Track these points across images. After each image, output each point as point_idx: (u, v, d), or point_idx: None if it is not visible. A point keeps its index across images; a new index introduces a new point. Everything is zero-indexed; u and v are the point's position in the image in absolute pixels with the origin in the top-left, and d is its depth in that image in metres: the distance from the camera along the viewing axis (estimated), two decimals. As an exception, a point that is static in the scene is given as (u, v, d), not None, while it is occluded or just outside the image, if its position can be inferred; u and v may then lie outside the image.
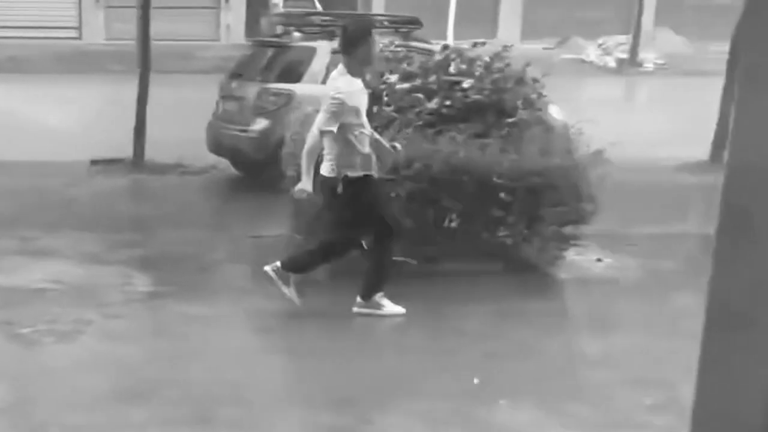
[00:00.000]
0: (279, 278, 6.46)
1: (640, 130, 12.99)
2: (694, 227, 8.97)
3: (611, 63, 24.67)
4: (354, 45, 6.26)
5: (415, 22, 11.58)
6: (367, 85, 6.66)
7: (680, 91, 19.54)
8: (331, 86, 6.31)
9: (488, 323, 6.42)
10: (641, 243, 8.26)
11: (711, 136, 12.14)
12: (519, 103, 7.78)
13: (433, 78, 7.92)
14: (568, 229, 7.39)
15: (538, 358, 5.82)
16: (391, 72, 8.17)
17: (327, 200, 6.45)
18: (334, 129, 6.14)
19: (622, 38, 25.17)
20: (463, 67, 8.07)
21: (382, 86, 8.05)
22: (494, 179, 7.09)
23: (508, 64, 8.06)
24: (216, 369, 5.54)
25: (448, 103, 7.71)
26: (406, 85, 7.90)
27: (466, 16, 23.75)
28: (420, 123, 7.52)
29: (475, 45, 8.69)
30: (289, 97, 10.47)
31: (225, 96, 11.31)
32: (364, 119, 6.33)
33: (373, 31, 6.42)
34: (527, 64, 8.13)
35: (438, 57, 8.30)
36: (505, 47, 8.28)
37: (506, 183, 7.11)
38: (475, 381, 5.36)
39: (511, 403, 5.14)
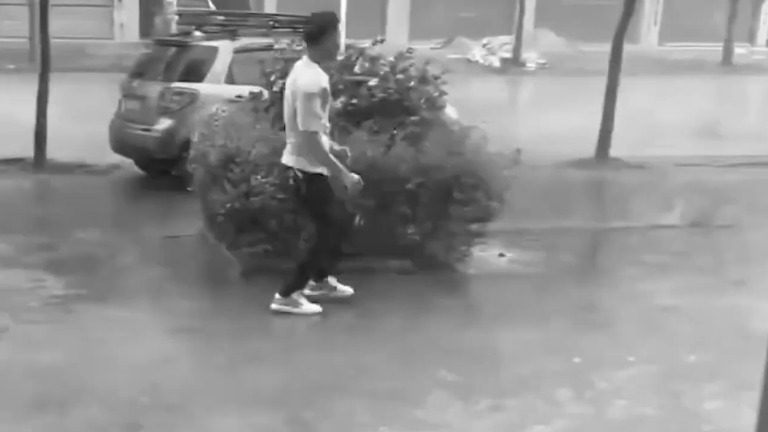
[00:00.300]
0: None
1: (528, 128, 13.16)
2: (587, 221, 9.15)
3: (496, 63, 24.96)
4: (320, 37, 6.16)
5: (315, 23, 11.46)
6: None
7: (563, 90, 19.89)
8: (302, 80, 6.11)
9: (400, 320, 6.38)
10: (541, 238, 8.33)
11: (596, 134, 12.32)
12: (422, 101, 7.77)
13: (337, 77, 7.85)
14: (474, 226, 7.40)
15: (453, 353, 5.80)
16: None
17: (292, 194, 6.37)
18: (321, 128, 6.06)
19: (506, 38, 25.49)
20: (367, 66, 8.03)
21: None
22: (401, 177, 7.07)
23: (411, 64, 8.06)
24: (138, 372, 5.36)
25: (354, 101, 7.65)
26: None
27: (355, 16, 23.63)
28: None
29: (374, 43, 8.65)
30: (193, 96, 10.26)
31: (127, 95, 10.99)
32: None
33: (338, 24, 6.33)
34: (428, 63, 8.13)
35: (341, 56, 8.23)
36: (409, 48, 8.27)
37: (413, 181, 7.08)
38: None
39: (436, 398, 5.12)
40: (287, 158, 6.30)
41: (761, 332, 6.07)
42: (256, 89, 8.27)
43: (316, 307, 6.40)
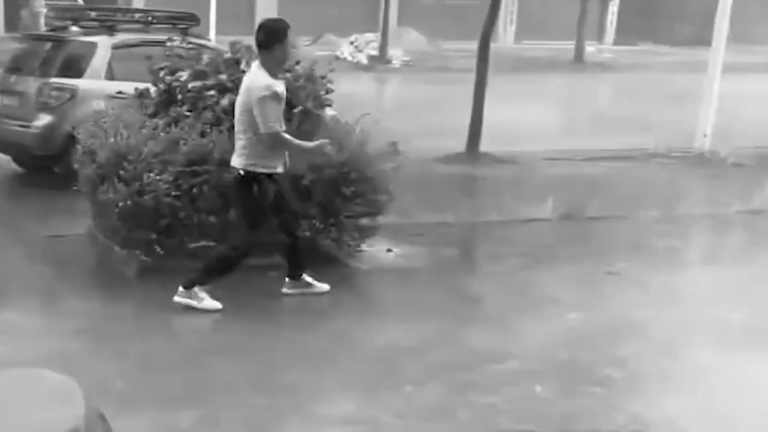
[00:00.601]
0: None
1: (401, 124, 13.21)
2: (466, 215, 9.26)
3: (363, 60, 25.00)
4: (272, 42, 6.08)
5: (192, 19, 11.25)
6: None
7: (430, 87, 20.10)
8: (255, 84, 6.06)
9: (297, 317, 6.32)
10: (424, 232, 8.39)
11: (464, 129, 12.46)
12: (310, 99, 7.71)
13: (224, 76, 7.72)
14: (364, 221, 7.40)
15: (352, 348, 5.79)
16: (182, 69, 7.90)
17: (236, 194, 6.28)
18: (280, 126, 6.02)
19: (372, 36, 25.57)
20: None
21: (175, 84, 7.78)
22: (294, 174, 6.99)
23: (298, 62, 7.99)
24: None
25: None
26: (198, 83, 7.65)
27: (224, 13, 23.29)
28: (215, 121, 7.29)
29: None
30: (73, 92, 9.91)
31: (4, 90, 10.51)
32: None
33: (289, 32, 6.21)
34: (315, 62, 8.08)
35: (227, 54, 8.08)
36: (293, 46, 8.19)
37: (302, 177, 7.03)
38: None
39: (338, 393, 5.10)
40: (233, 160, 6.23)
41: (638, 320, 6.32)
42: (141, 86, 8.06)
43: (216, 304, 6.27)
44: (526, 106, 17.36)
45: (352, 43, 25.69)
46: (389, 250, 7.76)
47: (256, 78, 6.10)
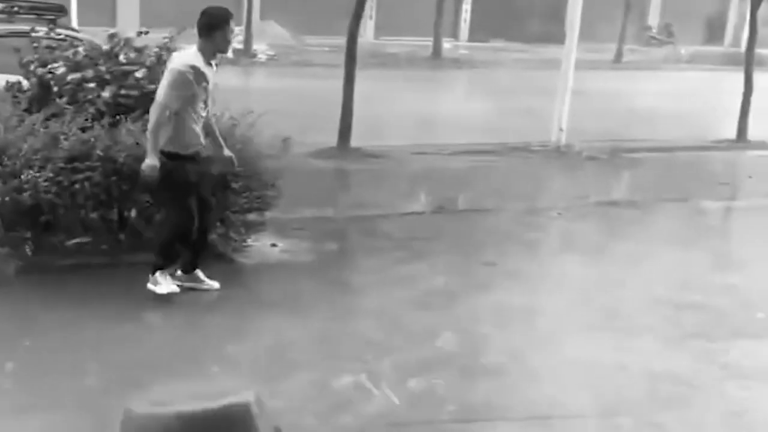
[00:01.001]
0: (191, 281, 6.31)
1: (274, 118, 13.05)
2: (343, 210, 9.25)
3: (229, 54, 24.56)
4: (213, 30, 5.94)
5: (60, 9, 10.80)
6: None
7: (298, 81, 19.95)
8: (177, 60, 5.94)
9: (184, 312, 6.18)
10: (305, 227, 8.33)
11: (333, 124, 12.44)
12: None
13: (103, 68, 7.46)
14: (251, 216, 7.30)
15: (248, 343, 5.70)
16: (55, 61, 7.59)
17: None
18: (177, 106, 5.86)
19: (236, 29, 25.16)
20: (133, 56, 7.70)
21: (48, 76, 7.47)
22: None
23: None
24: None
25: (124, 92, 7.31)
26: (77, 75, 7.37)
27: (86, 4, 22.51)
28: (97, 115, 7.03)
29: (140, 34, 8.33)
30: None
31: None
32: (208, 102, 6.12)
33: (231, 20, 6.05)
34: (167, 49, 7.92)
35: (105, 46, 7.82)
36: (172, 38, 8.03)
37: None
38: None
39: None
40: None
41: (520, 307, 6.47)
42: (12, 78, 7.70)
43: (173, 288, 6.26)
44: (389, 101, 17.47)
45: (215, 36, 25.18)
46: (274, 245, 7.67)
47: (183, 56, 6.01)
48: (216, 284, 6.51)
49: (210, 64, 6.06)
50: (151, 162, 5.92)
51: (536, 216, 9.45)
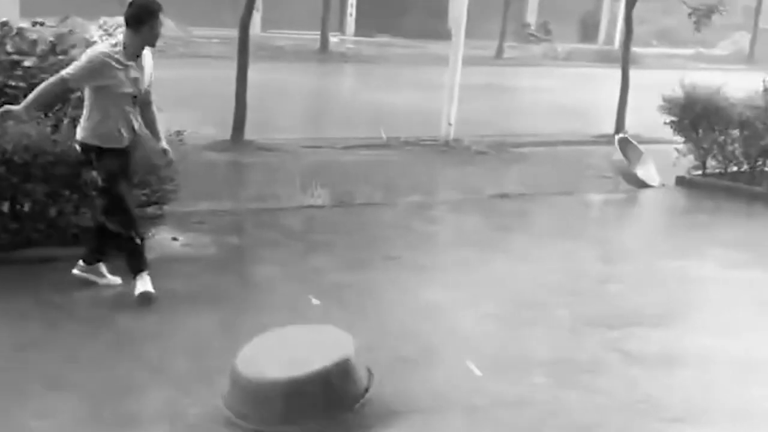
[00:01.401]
0: (92, 273, 6.22)
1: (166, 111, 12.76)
2: (242, 203, 9.10)
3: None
4: (141, 23, 5.69)
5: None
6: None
7: (183, 73, 19.52)
8: (93, 47, 5.83)
9: (84, 311, 5.95)
10: (205, 220, 8.16)
11: (225, 115, 12.23)
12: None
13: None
14: (150, 210, 7.09)
15: (158, 340, 5.53)
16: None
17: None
18: (71, 78, 5.67)
19: (121, 19, 24.36)
20: (24, 46, 7.41)
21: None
22: (71, 161, 6.55)
23: (74, 45, 7.61)
24: None
25: (12, 83, 7.01)
26: None
27: (-39, -10, 21.54)
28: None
29: (34, 24, 8.07)
30: None
31: None
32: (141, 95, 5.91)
33: (160, 12, 5.77)
34: (73, 45, 7.70)
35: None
36: (71, 31, 7.78)
37: (76, 164, 6.61)
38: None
39: (146, 386, 4.85)
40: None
41: (424, 300, 6.48)
42: None
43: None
44: (279, 95, 17.32)
45: (101, 26, 24.41)
46: (175, 239, 7.48)
47: (100, 45, 5.84)
48: (118, 279, 6.30)
49: (137, 57, 5.82)
50: (14, 109, 5.82)
51: (433, 210, 9.51)
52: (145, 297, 5.98)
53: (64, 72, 5.77)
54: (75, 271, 6.28)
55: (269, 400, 4.33)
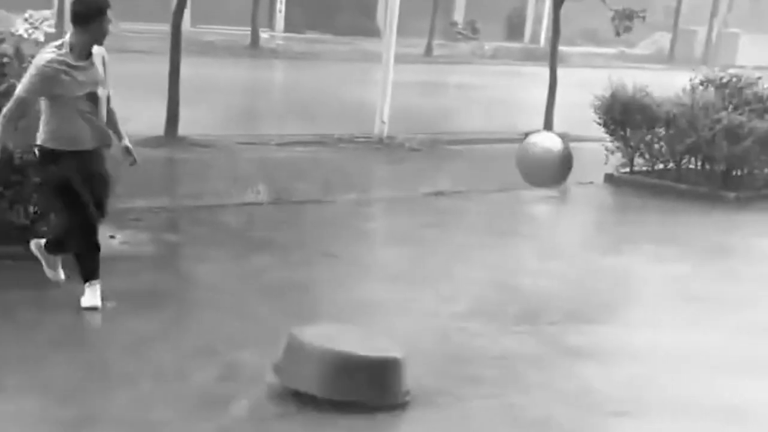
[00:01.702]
0: (43, 257, 6.04)
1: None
2: (180, 200, 8.96)
3: (40, 38, 23.22)
4: (88, 21, 5.43)
5: None
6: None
7: (114, 67, 19.17)
8: (39, 56, 5.49)
9: (27, 310, 5.80)
10: (142, 217, 8.02)
11: (155, 111, 12.02)
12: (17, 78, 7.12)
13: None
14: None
15: (100, 341, 5.42)
16: None
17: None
18: (34, 98, 5.50)
19: (48, 13, 23.82)
20: None
21: None
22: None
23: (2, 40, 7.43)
24: None
25: None
26: None
27: None
28: None
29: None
30: None
31: None
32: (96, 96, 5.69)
33: (109, 10, 5.51)
34: (20, 39, 7.52)
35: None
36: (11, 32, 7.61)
37: (17, 163, 6.45)
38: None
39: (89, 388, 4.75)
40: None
41: (367, 299, 6.48)
42: None
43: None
44: (211, 90, 17.10)
45: (26, 19, 23.81)
46: (112, 237, 7.33)
47: (46, 51, 5.56)
48: (62, 277, 6.14)
49: (87, 55, 5.61)
50: None
51: (370, 207, 9.52)
52: (91, 310, 5.81)
53: (17, 92, 5.52)
54: (32, 245, 6.08)
55: (351, 373, 4.65)
